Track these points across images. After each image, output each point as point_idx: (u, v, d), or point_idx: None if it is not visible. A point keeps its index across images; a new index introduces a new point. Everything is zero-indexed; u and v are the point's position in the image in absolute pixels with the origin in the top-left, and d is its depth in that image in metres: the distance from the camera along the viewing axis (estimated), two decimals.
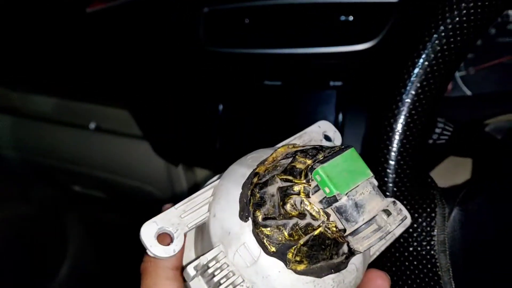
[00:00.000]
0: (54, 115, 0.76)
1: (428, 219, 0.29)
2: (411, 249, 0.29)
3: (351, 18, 0.55)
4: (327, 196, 0.21)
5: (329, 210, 0.22)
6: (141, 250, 0.25)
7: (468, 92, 0.51)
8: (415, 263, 0.29)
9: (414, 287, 0.29)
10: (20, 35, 0.75)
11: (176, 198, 0.38)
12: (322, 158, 0.22)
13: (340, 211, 0.21)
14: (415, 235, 0.29)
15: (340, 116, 0.53)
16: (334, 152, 0.22)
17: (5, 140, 0.77)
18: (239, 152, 0.28)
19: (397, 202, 0.22)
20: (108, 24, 0.69)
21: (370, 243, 0.21)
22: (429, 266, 0.29)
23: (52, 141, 0.76)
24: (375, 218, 0.21)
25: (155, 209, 0.27)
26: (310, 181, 0.22)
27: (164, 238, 0.24)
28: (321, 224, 0.22)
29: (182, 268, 0.25)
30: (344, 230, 0.21)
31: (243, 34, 0.58)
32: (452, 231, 0.29)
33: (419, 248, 0.29)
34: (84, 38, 0.70)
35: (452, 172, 0.49)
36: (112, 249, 0.96)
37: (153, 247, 0.23)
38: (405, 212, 0.26)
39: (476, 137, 0.47)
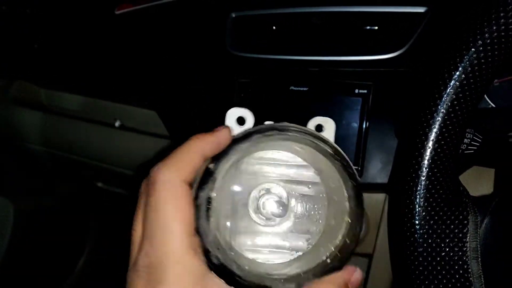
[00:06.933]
0: (81, 112, 0.78)
1: (460, 226, 0.30)
2: (443, 254, 0.30)
3: (376, 27, 0.56)
4: None
5: None
6: None
7: (492, 104, 0.52)
8: (447, 267, 0.30)
9: None
10: (50, 35, 0.77)
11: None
12: None
13: None
14: (447, 240, 0.30)
15: (365, 123, 0.54)
16: None
17: (33, 135, 0.79)
18: None
19: None
20: (137, 26, 0.71)
21: None
22: (461, 272, 0.29)
23: (77, 136, 0.78)
24: None
25: None
26: None
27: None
28: None
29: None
30: None
31: (270, 40, 0.59)
32: (484, 238, 0.30)
33: (451, 254, 0.30)
34: (113, 39, 0.72)
35: (475, 182, 0.49)
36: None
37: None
38: None
39: (500, 148, 0.47)
